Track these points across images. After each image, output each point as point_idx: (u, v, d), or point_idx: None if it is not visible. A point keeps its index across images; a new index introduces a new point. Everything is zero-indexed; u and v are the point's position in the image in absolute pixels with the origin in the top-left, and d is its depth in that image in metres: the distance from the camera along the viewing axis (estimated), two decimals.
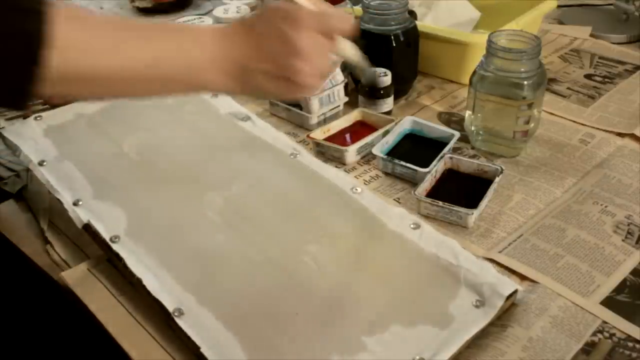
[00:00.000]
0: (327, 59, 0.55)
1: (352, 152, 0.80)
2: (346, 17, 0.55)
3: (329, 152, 0.81)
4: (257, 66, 0.51)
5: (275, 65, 0.51)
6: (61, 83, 0.46)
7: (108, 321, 0.59)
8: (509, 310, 0.59)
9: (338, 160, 0.80)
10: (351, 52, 0.59)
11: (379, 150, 0.78)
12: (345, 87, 0.90)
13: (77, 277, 0.64)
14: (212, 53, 0.51)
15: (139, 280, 0.59)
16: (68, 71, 0.46)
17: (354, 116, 0.87)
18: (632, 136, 0.84)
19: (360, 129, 0.85)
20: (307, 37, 0.51)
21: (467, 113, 0.82)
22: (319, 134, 0.82)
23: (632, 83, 0.98)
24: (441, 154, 0.77)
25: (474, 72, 0.79)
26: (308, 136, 0.82)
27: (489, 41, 0.76)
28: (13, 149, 0.79)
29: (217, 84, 0.52)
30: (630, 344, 0.56)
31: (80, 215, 0.67)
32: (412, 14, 0.98)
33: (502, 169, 0.73)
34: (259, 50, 0.51)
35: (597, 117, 0.89)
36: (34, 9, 0.43)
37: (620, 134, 0.85)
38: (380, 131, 0.82)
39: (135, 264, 0.61)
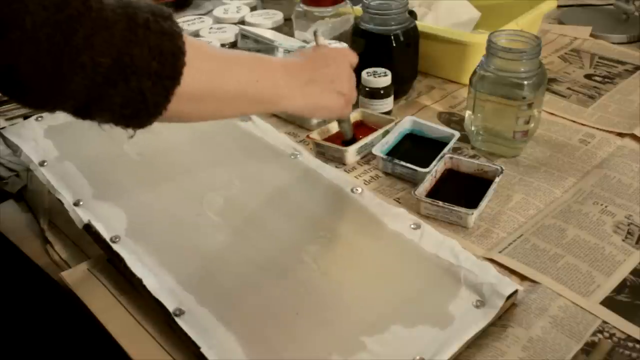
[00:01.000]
0: (353, 88, 0.72)
1: (352, 153, 0.80)
2: (357, 57, 0.74)
3: (328, 152, 0.81)
4: (318, 82, 0.66)
5: (330, 81, 0.67)
6: (184, 101, 0.51)
7: (108, 321, 0.59)
8: (509, 310, 0.59)
9: (338, 161, 0.80)
10: None
11: (379, 150, 0.78)
12: None
13: (77, 277, 0.64)
14: (284, 75, 0.62)
15: (139, 280, 0.59)
16: (193, 89, 0.52)
17: (353, 116, 0.86)
18: (632, 136, 0.84)
19: (360, 129, 0.85)
20: (342, 61, 0.70)
21: (467, 113, 0.82)
22: (318, 135, 0.82)
23: (632, 83, 0.98)
24: (441, 154, 0.77)
25: (474, 72, 0.79)
26: (308, 136, 0.82)
27: (489, 41, 0.76)
28: (14, 149, 0.79)
29: (288, 100, 0.63)
30: (630, 344, 0.56)
31: (81, 215, 0.67)
32: (412, 14, 0.98)
33: (502, 169, 0.73)
34: (318, 71, 0.66)
35: (597, 117, 0.89)
36: (174, 31, 0.49)
37: (620, 134, 0.85)
38: (380, 131, 0.82)
39: (136, 264, 0.61)
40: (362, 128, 0.85)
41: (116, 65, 0.45)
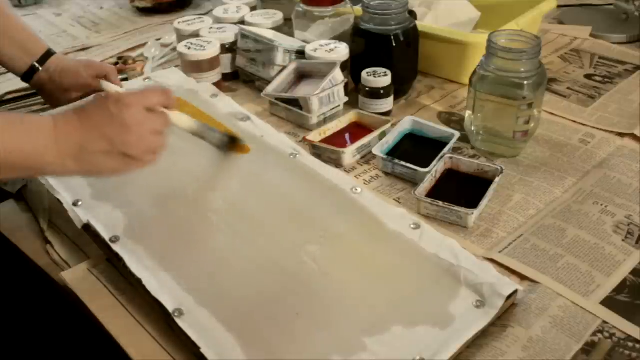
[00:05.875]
0: (156, 132, 0.60)
1: (349, 154, 0.80)
2: (164, 91, 0.62)
3: (325, 154, 0.81)
4: (94, 146, 0.56)
5: (109, 143, 0.57)
6: None
7: (108, 321, 0.59)
8: (509, 310, 0.59)
9: (335, 162, 0.80)
10: (185, 123, 0.66)
11: (379, 150, 0.78)
12: (345, 87, 0.90)
13: (77, 277, 0.64)
14: (53, 139, 0.55)
15: (139, 281, 0.59)
16: None
17: (349, 117, 0.87)
18: (632, 136, 0.84)
19: (356, 131, 0.85)
20: (133, 114, 0.57)
21: (467, 113, 0.82)
22: (315, 136, 0.82)
23: (632, 83, 0.98)
24: (441, 154, 0.77)
25: (474, 72, 0.79)
26: (304, 138, 0.82)
27: (489, 41, 0.76)
28: None
29: (57, 166, 0.56)
30: (630, 344, 0.56)
31: (80, 215, 0.67)
32: (412, 14, 0.98)
33: (502, 169, 0.73)
34: (94, 132, 0.56)
35: (597, 117, 0.89)
36: None
37: (620, 134, 0.85)
38: (377, 132, 0.82)
39: (135, 264, 0.61)
40: (358, 129, 0.85)
41: None
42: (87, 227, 0.66)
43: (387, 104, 0.89)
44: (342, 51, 0.92)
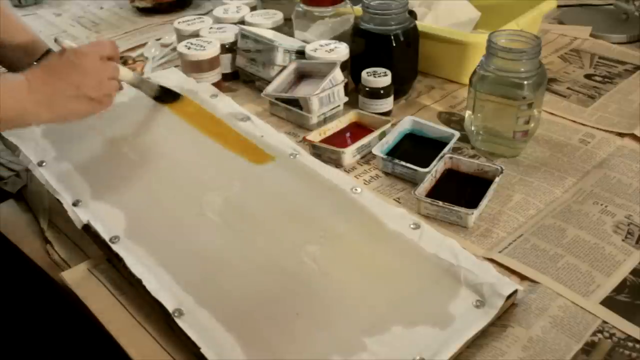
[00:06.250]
0: (109, 78, 0.71)
1: (349, 154, 0.80)
2: (112, 43, 0.73)
3: (325, 154, 0.81)
4: (61, 91, 0.66)
5: (75, 88, 0.66)
6: None
7: (108, 321, 0.59)
8: (509, 310, 0.59)
9: (335, 162, 0.80)
10: (126, 75, 0.77)
11: (379, 150, 0.78)
12: (345, 87, 0.90)
13: (77, 277, 0.64)
14: (27, 95, 0.63)
15: (139, 281, 0.59)
16: None
17: (349, 117, 0.87)
18: (632, 136, 0.84)
19: (356, 131, 0.85)
20: (89, 61, 0.68)
21: (467, 113, 0.82)
22: (315, 136, 0.82)
23: (632, 83, 0.98)
24: (441, 154, 0.77)
25: (474, 72, 0.79)
26: (304, 138, 0.82)
27: (489, 41, 0.76)
28: (12, 149, 0.79)
29: (33, 117, 0.65)
30: (630, 344, 0.56)
31: (80, 215, 0.67)
32: (412, 14, 0.98)
33: (502, 169, 0.73)
34: (61, 80, 0.66)
35: (597, 117, 0.89)
36: None
37: (620, 134, 0.85)
38: (377, 132, 0.82)
39: (135, 264, 0.61)
40: (358, 129, 0.85)
41: None
42: (87, 227, 0.66)
43: (387, 104, 0.89)
44: (342, 51, 0.92)
